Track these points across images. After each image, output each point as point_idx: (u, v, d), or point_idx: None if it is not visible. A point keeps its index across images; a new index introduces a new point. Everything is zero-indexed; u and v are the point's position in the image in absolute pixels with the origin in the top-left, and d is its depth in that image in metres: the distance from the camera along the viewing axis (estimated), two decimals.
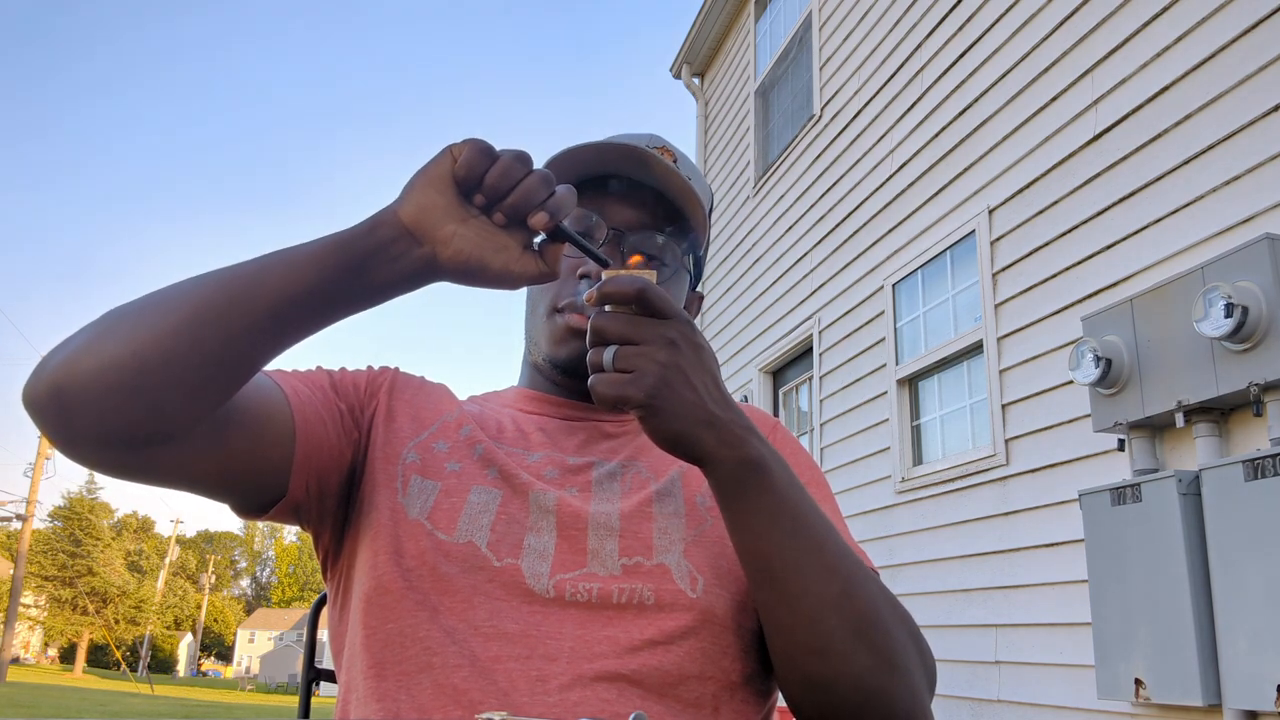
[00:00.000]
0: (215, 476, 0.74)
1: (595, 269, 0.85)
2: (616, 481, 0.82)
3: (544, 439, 0.87)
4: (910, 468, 4.42)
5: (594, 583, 0.74)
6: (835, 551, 0.71)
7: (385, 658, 0.73)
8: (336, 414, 0.81)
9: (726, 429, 0.67)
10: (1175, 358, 2.74)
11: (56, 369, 0.64)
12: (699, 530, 0.79)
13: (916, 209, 4.55)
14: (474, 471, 0.81)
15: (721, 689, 0.74)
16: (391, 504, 0.78)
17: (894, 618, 0.72)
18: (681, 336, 0.67)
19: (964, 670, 3.73)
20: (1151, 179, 3.09)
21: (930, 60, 4.57)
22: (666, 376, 0.65)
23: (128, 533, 60.63)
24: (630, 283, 0.66)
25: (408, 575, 0.74)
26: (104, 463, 0.68)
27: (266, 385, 0.76)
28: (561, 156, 0.88)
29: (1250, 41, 2.78)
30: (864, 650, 0.68)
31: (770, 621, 0.71)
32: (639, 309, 0.67)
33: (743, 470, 0.68)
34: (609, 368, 0.65)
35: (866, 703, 0.69)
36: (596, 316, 0.67)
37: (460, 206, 0.67)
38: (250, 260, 0.68)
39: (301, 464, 0.77)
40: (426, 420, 0.86)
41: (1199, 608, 2.54)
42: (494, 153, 0.67)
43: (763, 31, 7.11)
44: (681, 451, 0.67)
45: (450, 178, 0.66)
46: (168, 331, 0.64)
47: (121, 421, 0.65)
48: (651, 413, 0.65)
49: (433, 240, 0.66)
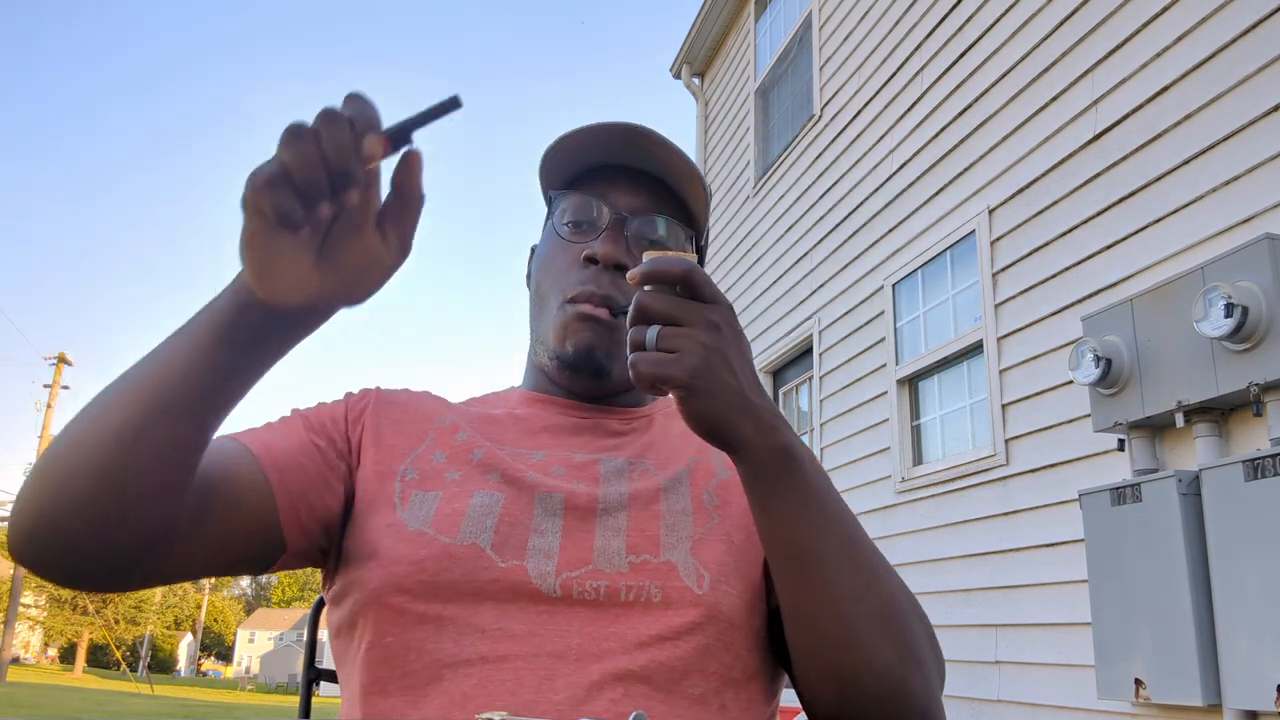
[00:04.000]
0: (219, 560, 0.74)
1: (600, 251, 0.84)
2: (623, 479, 0.82)
3: (550, 438, 0.86)
4: (910, 468, 4.42)
5: (601, 580, 0.73)
6: (861, 542, 0.71)
7: (388, 674, 0.72)
8: (315, 454, 0.80)
9: (762, 416, 0.67)
10: (1175, 358, 2.74)
11: (26, 532, 0.66)
12: (706, 528, 0.79)
13: (916, 209, 4.55)
14: (475, 477, 0.80)
15: (727, 685, 0.74)
16: (390, 520, 0.77)
17: (913, 611, 0.73)
18: (724, 321, 0.66)
19: (964, 670, 3.73)
20: (1151, 179, 3.09)
21: (930, 60, 4.56)
22: (709, 359, 0.64)
23: None
24: (677, 263, 0.66)
25: (407, 586, 0.73)
26: (113, 588, 0.70)
27: (232, 453, 0.76)
28: (559, 144, 0.87)
29: (1250, 41, 2.78)
30: (888, 642, 0.69)
31: (797, 612, 0.70)
32: (684, 290, 0.66)
33: (775, 458, 0.68)
34: (651, 347, 0.65)
35: (888, 695, 0.69)
36: (641, 295, 0.65)
37: (306, 244, 0.58)
38: (144, 373, 0.65)
39: (289, 516, 0.76)
40: (419, 433, 0.85)
41: (1199, 608, 2.54)
42: (286, 168, 0.55)
43: (763, 31, 7.11)
44: (716, 436, 0.67)
45: (269, 229, 0.56)
46: (100, 469, 0.64)
47: (99, 555, 0.66)
48: (692, 394, 0.64)
49: (303, 294, 0.59)
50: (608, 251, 0.84)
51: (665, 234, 0.87)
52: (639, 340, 0.65)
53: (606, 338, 0.84)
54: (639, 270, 0.66)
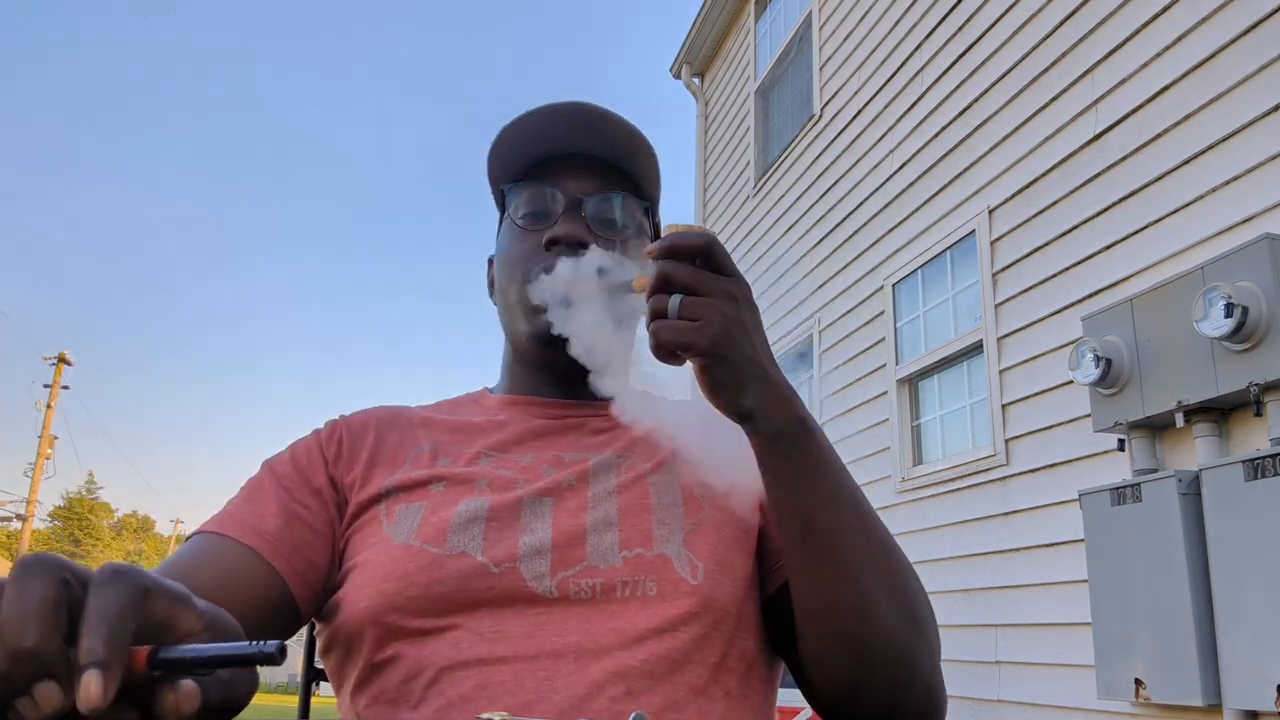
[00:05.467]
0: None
1: (561, 232, 0.84)
2: (612, 474, 0.82)
3: (535, 438, 0.86)
4: (910, 468, 4.43)
5: (596, 577, 0.74)
6: (869, 512, 0.73)
7: (384, 685, 0.72)
8: (302, 513, 0.79)
9: (778, 388, 0.68)
10: (1175, 358, 2.74)
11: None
12: (697, 519, 0.79)
13: (916, 209, 4.55)
14: (459, 486, 0.80)
15: (727, 673, 0.74)
16: (376, 538, 0.77)
17: (919, 586, 0.75)
18: (743, 295, 0.68)
19: (964, 670, 3.73)
20: (1151, 179, 3.09)
21: (930, 60, 4.57)
22: (730, 329, 0.65)
23: (128, 532, 60.66)
24: (698, 237, 0.67)
25: (398, 603, 0.72)
26: None
27: (230, 556, 0.74)
28: (503, 138, 0.87)
29: (1250, 41, 2.78)
30: (896, 610, 0.70)
31: (808, 581, 0.71)
32: (704, 263, 0.67)
33: (791, 428, 0.69)
34: (673, 315, 0.66)
35: (898, 663, 0.70)
36: (663, 264, 0.67)
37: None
38: None
39: (302, 593, 0.77)
40: (398, 459, 0.84)
41: (1199, 608, 2.54)
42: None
43: (763, 31, 7.12)
44: (734, 406, 0.68)
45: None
46: None
47: None
48: (715, 361, 0.66)
49: None
50: (568, 230, 0.84)
51: (621, 212, 0.87)
52: (660, 309, 0.66)
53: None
54: (660, 244, 0.67)
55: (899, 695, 0.71)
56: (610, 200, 0.87)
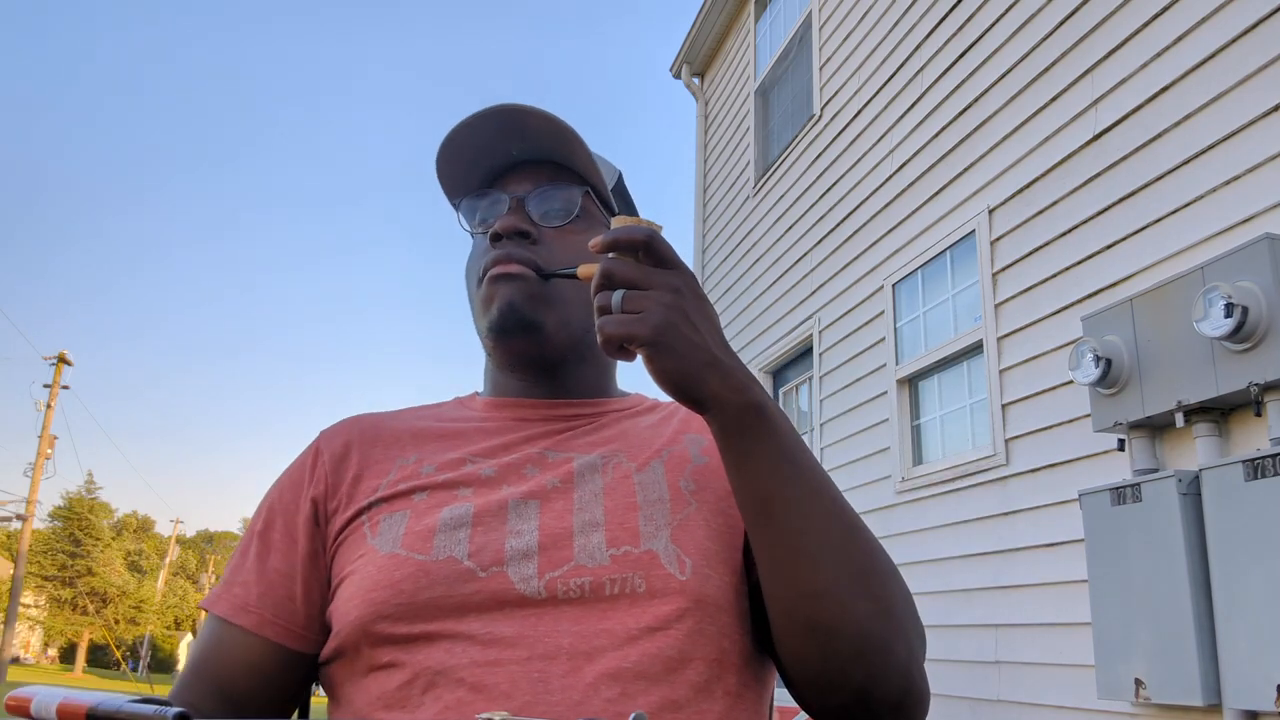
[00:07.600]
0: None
1: (500, 225, 0.86)
2: (598, 473, 0.82)
3: (519, 440, 0.86)
4: (910, 468, 4.43)
5: (584, 576, 0.73)
6: (835, 498, 0.72)
7: (379, 693, 0.72)
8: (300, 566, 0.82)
9: (730, 373, 0.69)
10: (1175, 358, 2.74)
11: None
12: (684, 514, 0.79)
13: (916, 209, 4.55)
14: (442, 495, 0.80)
15: (725, 668, 0.74)
16: (363, 550, 0.78)
17: (892, 573, 0.73)
18: (686, 285, 0.69)
19: (963, 670, 3.73)
20: (1151, 179, 3.09)
21: (930, 60, 4.57)
22: (671, 318, 0.67)
23: (128, 533, 60.63)
24: (639, 231, 0.69)
25: (387, 612, 0.73)
26: None
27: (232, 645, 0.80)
28: (442, 154, 0.88)
29: (1250, 41, 2.78)
30: (863, 596, 0.69)
31: (770, 565, 0.71)
32: (646, 257, 0.69)
33: (746, 414, 0.69)
34: (616, 309, 0.67)
35: (867, 651, 0.69)
36: (605, 261, 0.69)
37: None
38: None
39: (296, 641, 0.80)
40: (382, 471, 0.85)
41: (1199, 608, 2.54)
42: None
43: (763, 31, 7.12)
44: (685, 393, 0.68)
45: None
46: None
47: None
48: (658, 350, 0.67)
49: None
50: (507, 223, 0.86)
51: (562, 201, 0.89)
52: (605, 305, 0.68)
53: (525, 291, 0.84)
54: (602, 239, 0.69)
55: (872, 684, 0.70)
56: (550, 193, 0.89)
